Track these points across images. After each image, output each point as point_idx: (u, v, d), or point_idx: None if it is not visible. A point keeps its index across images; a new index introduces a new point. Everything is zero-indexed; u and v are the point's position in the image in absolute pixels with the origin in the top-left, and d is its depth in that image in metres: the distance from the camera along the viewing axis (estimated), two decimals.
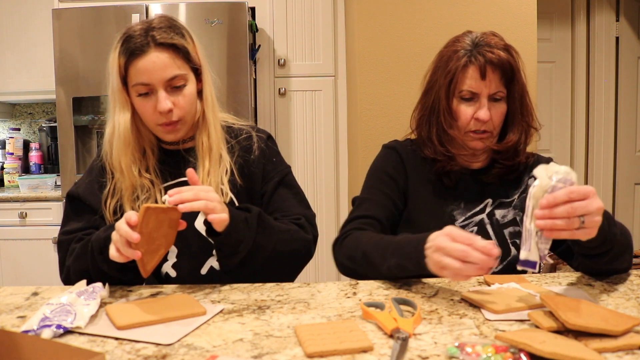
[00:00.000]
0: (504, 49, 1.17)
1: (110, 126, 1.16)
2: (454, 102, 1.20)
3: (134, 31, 1.11)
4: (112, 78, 1.13)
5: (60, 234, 1.17)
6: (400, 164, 1.28)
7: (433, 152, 1.23)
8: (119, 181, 1.15)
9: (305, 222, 1.19)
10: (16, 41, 2.98)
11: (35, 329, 0.79)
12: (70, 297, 0.89)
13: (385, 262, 1.02)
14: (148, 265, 0.94)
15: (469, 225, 1.21)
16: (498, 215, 1.23)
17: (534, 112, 1.24)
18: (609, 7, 3.35)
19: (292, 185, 1.26)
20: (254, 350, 0.73)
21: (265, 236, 1.08)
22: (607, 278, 1.05)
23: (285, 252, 1.12)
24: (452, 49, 1.20)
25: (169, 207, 0.94)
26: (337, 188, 2.88)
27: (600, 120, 3.42)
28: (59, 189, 2.80)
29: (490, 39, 1.18)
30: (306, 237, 1.17)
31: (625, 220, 3.46)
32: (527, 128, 1.23)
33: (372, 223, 1.20)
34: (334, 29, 2.82)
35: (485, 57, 1.14)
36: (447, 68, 1.19)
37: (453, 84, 1.18)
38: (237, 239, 1.04)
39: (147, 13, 2.52)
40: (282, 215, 1.19)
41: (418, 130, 1.29)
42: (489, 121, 1.17)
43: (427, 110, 1.25)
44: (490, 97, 1.17)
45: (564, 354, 0.65)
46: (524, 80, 1.20)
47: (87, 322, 0.83)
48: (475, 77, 1.15)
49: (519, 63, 1.19)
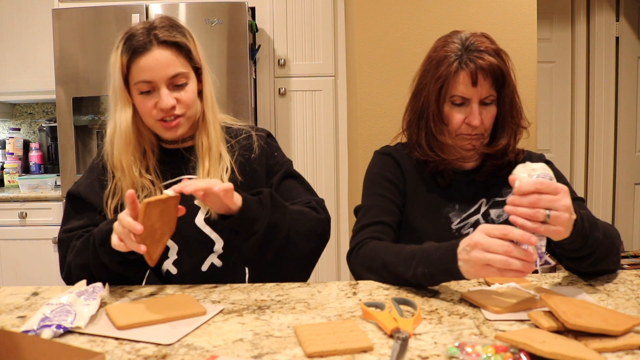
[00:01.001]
0: (495, 54, 1.15)
1: (112, 125, 1.17)
2: (444, 107, 1.19)
3: (136, 30, 1.11)
4: (114, 77, 1.13)
5: (60, 232, 1.17)
6: (398, 168, 1.27)
7: (423, 154, 1.24)
8: (120, 181, 1.16)
9: (316, 205, 1.18)
10: (16, 41, 2.98)
11: (35, 329, 0.79)
12: (70, 297, 0.89)
13: (409, 271, 0.98)
14: (153, 255, 0.95)
15: (465, 227, 1.21)
16: (493, 215, 1.23)
17: (522, 110, 1.24)
18: (609, 7, 3.35)
19: (297, 175, 1.27)
20: (254, 350, 0.73)
21: (280, 215, 1.07)
22: (600, 277, 1.05)
23: (302, 231, 1.10)
24: (442, 53, 1.18)
25: (167, 197, 0.94)
26: (337, 188, 2.88)
27: (600, 120, 3.42)
28: (59, 189, 2.80)
29: (481, 43, 1.16)
30: (320, 218, 1.16)
31: (625, 220, 3.46)
32: (516, 129, 1.23)
33: (384, 230, 1.18)
34: (334, 29, 2.82)
35: (477, 64, 1.13)
36: (437, 73, 1.17)
37: (444, 90, 1.17)
38: (252, 217, 1.03)
39: (147, 13, 2.52)
40: (292, 203, 1.18)
41: (408, 132, 1.29)
42: (480, 125, 1.17)
43: (416, 114, 1.24)
44: (481, 101, 1.17)
45: (564, 354, 0.65)
46: (514, 82, 1.20)
47: (87, 322, 0.83)
48: (466, 83, 1.15)
49: (509, 66, 1.18)
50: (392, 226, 1.20)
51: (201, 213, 1.17)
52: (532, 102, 2.33)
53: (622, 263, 3.08)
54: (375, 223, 1.19)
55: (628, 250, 3.24)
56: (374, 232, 1.17)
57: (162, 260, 1.19)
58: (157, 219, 0.93)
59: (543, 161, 1.28)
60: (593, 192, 3.45)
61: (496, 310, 0.85)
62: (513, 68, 1.19)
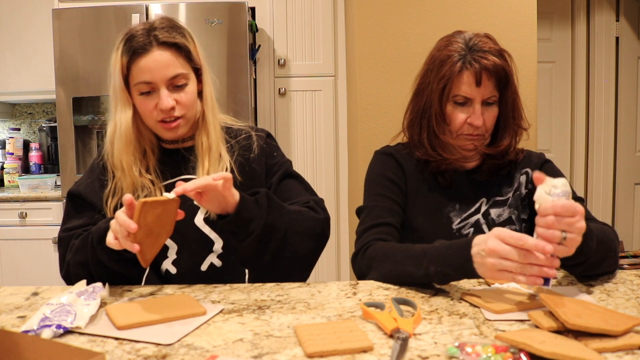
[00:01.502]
0: (499, 55, 1.16)
1: (112, 126, 1.17)
2: (446, 107, 1.19)
3: (136, 31, 1.12)
4: (114, 78, 1.13)
5: (60, 231, 1.17)
6: (399, 168, 1.27)
7: (424, 154, 1.23)
8: (120, 180, 1.16)
9: (315, 204, 1.17)
10: (16, 41, 2.98)
11: (35, 329, 0.79)
12: (70, 297, 0.89)
13: (421, 270, 0.97)
14: (147, 256, 0.95)
15: (465, 227, 1.21)
16: (493, 215, 1.23)
17: (523, 112, 1.25)
18: (609, 7, 3.35)
19: (296, 175, 1.27)
20: (254, 350, 0.73)
21: (277, 215, 1.07)
22: (599, 278, 1.05)
23: (299, 232, 1.10)
24: (446, 52, 1.18)
25: (167, 199, 0.93)
26: (337, 188, 2.88)
27: (600, 120, 3.42)
28: (59, 189, 2.80)
29: (484, 43, 1.16)
30: (318, 217, 1.15)
31: (625, 220, 3.46)
32: (517, 129, 1.23)
33: (388, 231, 1.18)
34: (334, 29, 2.82)
35: (481, 64, 1.13)
36: (440, 72, 1.17)
37: (447, 89, 1.17)
38: (247, 217, 1.03)
39: (147, 13, 2.52)
40: (291, 203, 1.18)
41: (409, 131, 1.29)
42: (482, 125, 1.17)
43: (418, 113, 1.24)
44: (484, 101, 1.17)
45: (564, 354, 0.65)
46: (516, 84, 1.21)
47: (87, 322, 0.83)
48: (470, 83, 1.15)
49: (513, 67, 1.18)
50: (396, 227, 1.20)
51: (200, 213, 1.17)
52: (532, 102, 2.33)
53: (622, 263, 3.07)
54: (379, 224, 1.18)
55: (628, 250, 3.23)
56: (379, 233, 1.17)
57: (161, 260, 1.19)
58: (154, 220, 0.92)
59: (543, 161, 1.28)
60: (593, 192, 3.45)
61: (496, 310, 0.85)
62: (516, 69, 1.20)
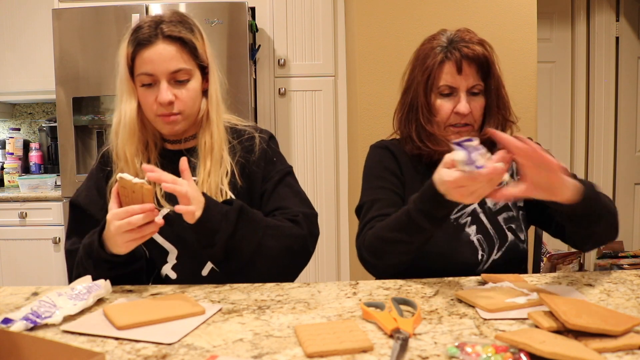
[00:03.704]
0: (479, 43, 1.20)
1: (117, 116, 1.18)
2: (432, 98, 1.22)
3: (144, 22, 1.13)
4: (121, 68, 1.14)
5: (66, 243, 1.20)
6: (395, 161, 1.28)
7: (414, 148, 1.25)
8: (123, 171, 1.16)
9: (302, 218, 1.16)
10: (16, 41, 2.98)
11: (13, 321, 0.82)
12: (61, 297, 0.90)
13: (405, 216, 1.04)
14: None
15: (462, 217, 1.22)
16: (489, 203, 1.24)
17: (510, 105, 1.26)
18: (609, 7, 3.35)
19: (292, 184, 1.25)
20: (254, 350, 0.74)
21: (249, 229, 1.08)
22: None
23: (275, 247, 1.10)
24: (429, 46, 1.23)
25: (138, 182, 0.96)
26: (337, 188, 2.88)
27: (600, 120, 3.42)
28: (59, 189, 2.80)
29: (465, 34, 1.21)
30: (300, 233, 1.14)
31: (625, 220, 3.46)
32: (503, 121, 1.24)
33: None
34: (334, 29, 2.82)
35: (462, 52, 1.17)
36: (424, 65, 1.21)
37: (431, 80, 1.20)
38: (211, 228, 1.03)
39: (147, 13, 2.51)
40: (281, 213, 1.17)
41: (400, 129, 1.31)
42: (469, 114, 1.19)
43: (406, 108, 1.27)
44: (469, 91, 1.19)
45: (564, 354, 0.65)
46: (499, 74, 1.23)
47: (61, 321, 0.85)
48: (452, 72, 1.18)
49: (494, 56, 1.22)
50: None
51: None
52: (532, 102, 2.32)
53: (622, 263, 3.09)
54: (380, 216, 1.18)
55: (628, 250, 3.24)
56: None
57: (160, 265, 1.19)
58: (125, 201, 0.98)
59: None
60: None
61: (489, 309, 0.86)
62: (498, 60, 1.23)
